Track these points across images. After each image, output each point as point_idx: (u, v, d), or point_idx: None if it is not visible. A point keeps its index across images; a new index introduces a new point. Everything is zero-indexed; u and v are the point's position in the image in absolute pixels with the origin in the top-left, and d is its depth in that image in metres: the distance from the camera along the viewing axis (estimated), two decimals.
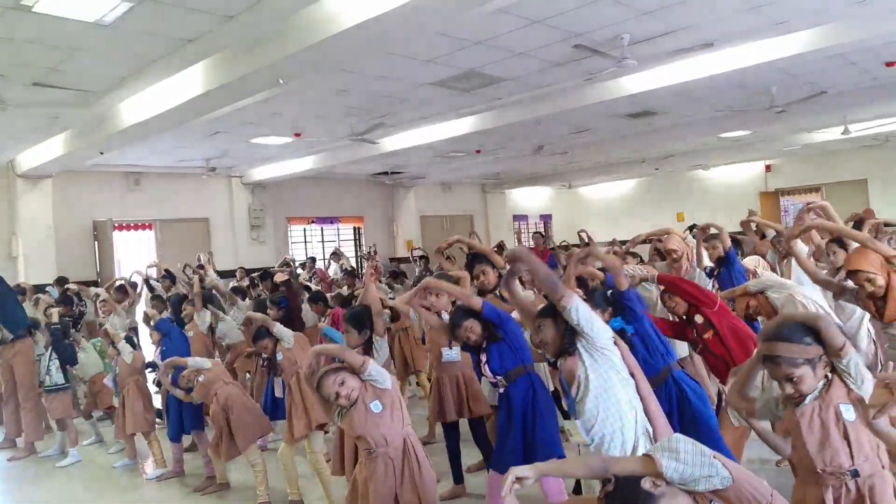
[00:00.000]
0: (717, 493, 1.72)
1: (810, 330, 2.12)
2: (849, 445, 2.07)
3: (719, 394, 4.50)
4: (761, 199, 17.06)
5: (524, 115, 8.73)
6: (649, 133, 11.60)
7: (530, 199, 20.16)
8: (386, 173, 14.23)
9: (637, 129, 11.26)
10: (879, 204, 13.83)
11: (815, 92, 8.72)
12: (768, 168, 17.27)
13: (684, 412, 3.09)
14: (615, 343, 2.58)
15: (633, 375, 2.60)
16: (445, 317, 3.87)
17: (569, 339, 2.58)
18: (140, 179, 11.83)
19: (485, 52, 6.34)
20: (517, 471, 1.84)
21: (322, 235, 15.31)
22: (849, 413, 2.08)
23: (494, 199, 18.97)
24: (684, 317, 3.70)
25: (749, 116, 10.37)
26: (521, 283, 4.05)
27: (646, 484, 1.66)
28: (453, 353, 4.26)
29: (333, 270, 12.01)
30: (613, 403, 2.51)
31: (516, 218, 19.74)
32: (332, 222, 15.33)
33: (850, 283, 3.43)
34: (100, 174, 11.16)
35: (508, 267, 2.83)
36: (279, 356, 4.54)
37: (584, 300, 2.66)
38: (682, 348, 4.45)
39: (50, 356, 6.04)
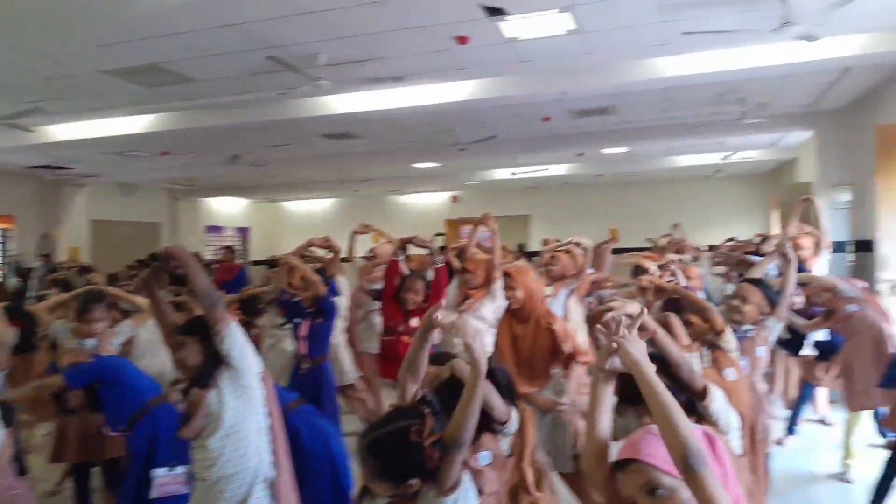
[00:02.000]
0: None
1: None
2: None
3: None
4: (447, 226, 18.77)
5: (217, 120, 8.27)
6: (348, 155, 11.93)
7: (227, 210, 19.20)
8: (48, 167, 12.20)
9: (336, 150, 11.49)
10: (538, 237, 16.21)
11: (488, 135, 9.89)
12: (454, 198, 19.13)
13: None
14: (262, 380, 2.43)
15: (270, 415, 2.47)
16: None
17: (209, 368, 2.34)
18: None
19: (172, 48, 5.85)
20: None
21: None
22: None
23: (186, 208, 17.59)
24: (406, 311, 3.88)
25: (438, 150, 11.34)
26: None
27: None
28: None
29: None
30: (243, 445, 2.35)
31: (210, 229, 18.58)
32: None
33: None
34: None
35: (154, 265, 2.48)
36: None
37: None
38: None
39: None
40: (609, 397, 1.74)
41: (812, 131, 9.55)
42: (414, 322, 3.77)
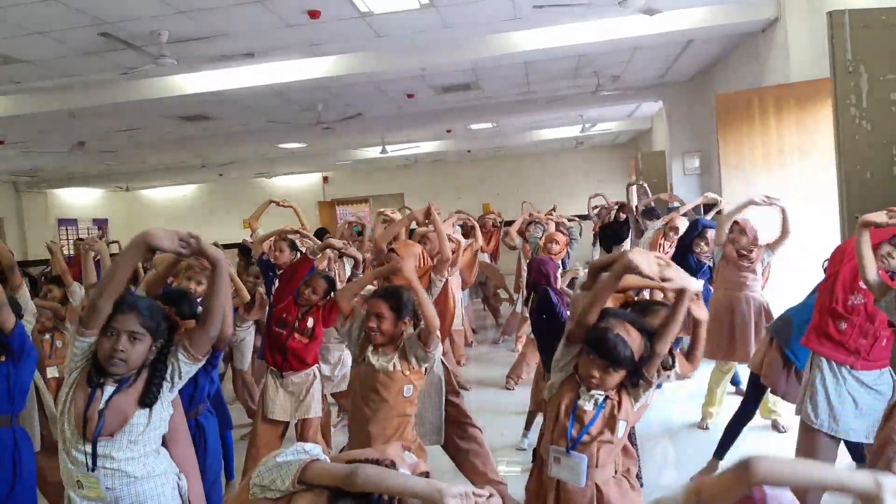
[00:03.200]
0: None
1: None
2: None
3: None
4: (320, 208, 18.43)
5: (53, 104, 7.58)
6: (206, 138, 11.38)
7: (80, 201, 17.78)
8: None
9: (192, 133, 10.92)
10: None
11: (353, 113, 9.75)
12: (325, 179, 18.78)
13: None
14: None
15: None
16: None
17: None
18: None
19: None
20: None
21: None
22: None
23: (32, 201, 16.12)
24: (302, 306, 3.75)
25: (302, 130, 11.05)
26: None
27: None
28: None
29: None
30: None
31: (62, 222, 17.14)
32: None
33: None
34: None
35: None
36: None
37: None
38: None
39: None
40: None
41: (661, 102, 10.20)
42: (310, 322, 3.70)
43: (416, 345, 2.76)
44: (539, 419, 3.71)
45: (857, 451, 3.26)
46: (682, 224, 5.95)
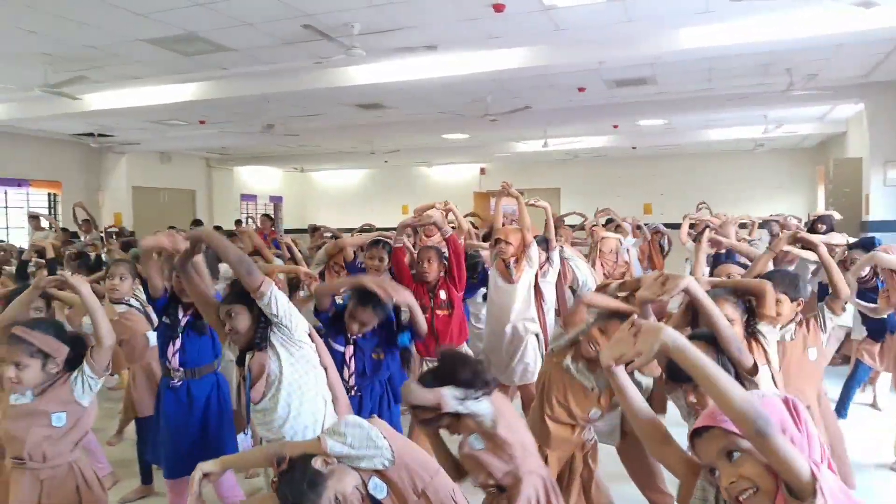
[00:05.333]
0: (381, 473, 1.84)
1: None
2: None
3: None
4: (475, 199, 18.70)
5: (252, 90, 8.31)
6: (378, 126, 11.93)
7: (260, 179, 19.40)
8: (91, 135, 12.48)
9: (367, 120, 11.50)
10: (568, 210, 16.08)
11: (521, 106, 9.76)
12: (483, 171, 19.01)
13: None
14: (310, 336, 2.52)
15: (325, 368, 2.55)
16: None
17: (262, 331, 2.41)
18: None
19: (208, 16, 5.87)
20: (203, 466, 1.89)
21: (5, 200, 12.93)
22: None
23: (220, 176, 17.84)
24: (429, 284, 3.83)
25: (468, 122, 11.26)
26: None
27: (316, 463, 1.77)
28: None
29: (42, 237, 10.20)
30: (308, 399, 2.44)
31: (244, 197, 18.84)
32: (19, 185, 13.02)
33: None
34: None
35: (186, 249, 2.51)
36: None
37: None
38: None
39: None
40: (628, 382, 1.73)
41: (863, 104, 9.22)
42: (442, 294, 3.78)
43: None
44: None
45: None
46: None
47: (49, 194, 13.64)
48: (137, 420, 4.05)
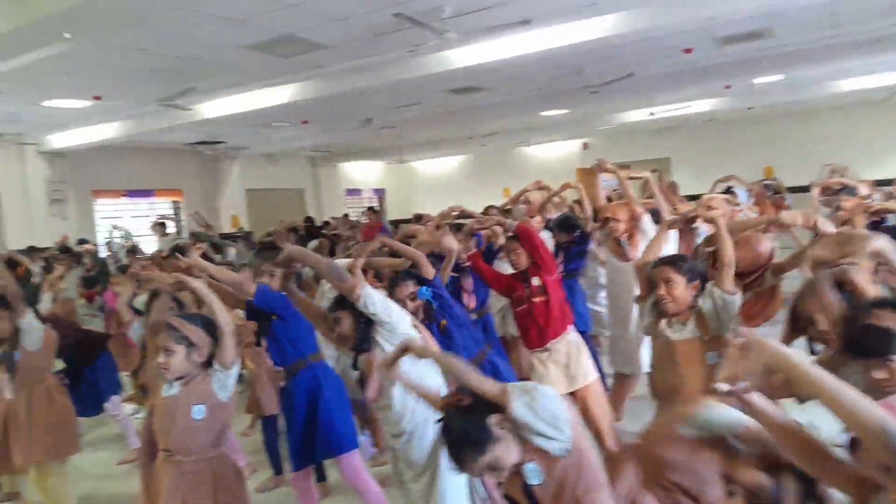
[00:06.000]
0: (547, 459, 1.69)
1: None
2: None
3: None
4: (579, 175, 18.16)
5: (349, 85, 8.40)
6: (474, 109, 11.77)
7: (363, 173, 19.85)
8: (205, 143, 13.19)
9: (462, 105, 11.38)
10: (681, 180, 15.27)
11: (624, 74, 9.30)
12: (585, 146, 18.42)
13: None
14: (415, 327, 2.48)
15: None
16: None
17: (364, 331, 2.45)
18: None
19: (302, 15, 5.95)
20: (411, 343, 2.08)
21: (135, 210, 13.96)
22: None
23: (326, 173, 18.41)
24: (520, 273, 3.69)
25: (566, 96, 10.89)
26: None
27: (492, 421, 1.65)
28: None
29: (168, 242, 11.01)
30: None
31: (349, 192, 19.36)
32: (146, 196, 14.02)
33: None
34: None
35: (284, 269, 2.69)
36: (17, 354, 3.60)
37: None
38: None
39: None
40: (759, 401, 1.47)
41: None
42: (535, 281, 3.62)
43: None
44: None
45: None
46: None
47: (172, 202, 14.60)
48: (263, 417, 4.20)
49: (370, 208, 11.42)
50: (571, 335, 3.66)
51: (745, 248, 2.98)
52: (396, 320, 2.42)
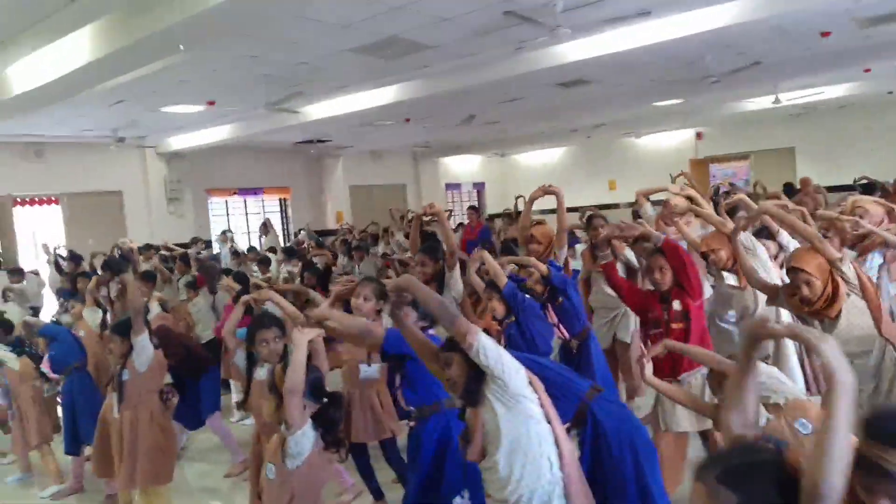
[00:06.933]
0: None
1: None
2: None
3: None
4: (692, 166, 17.16)
5: (452, 85, 8.22)
6: (581, 102, 11.27)
7: (463, 167, 19.70)
8: (311, 142, 13.46)
9: (569, 99, 10.90)
10: (806, 172, 14.07)
11: (749, 62, 8.56)
12: (699, 136, 17.36)
13: (601, 458, 2.61)
14: (531, 384, 2.20)
15: (549, 421, 2.23)
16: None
17: (475, 384, 2.18)
18: (42, 151, 10.76)
19: (407, 18, 5.79)
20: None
21: (246, 208, 14.49)
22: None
23: (426, 168, 18.40)
24: (662, 294, 3.33)
25: (682, 86, 10.21)
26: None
27: None
28: (372, 370, 3.73)
29: (272, 241, 11.40)
30: (531, 460, 2.15)
31: (449, 186, 19.27)
32: (255, 193, 14.51)
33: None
34: None
35: (393, 298, 2.45)
36: (125, 374, 3.58)
37: None
38: None
39: None
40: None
41: None
42: (676, 305, 3.23)
43: None
44: None
45: None
46: None
47: (280, 199, 15.05)
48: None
49: (472, 207, 11.22)
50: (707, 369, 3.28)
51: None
52: (510, 377, 2.14)
